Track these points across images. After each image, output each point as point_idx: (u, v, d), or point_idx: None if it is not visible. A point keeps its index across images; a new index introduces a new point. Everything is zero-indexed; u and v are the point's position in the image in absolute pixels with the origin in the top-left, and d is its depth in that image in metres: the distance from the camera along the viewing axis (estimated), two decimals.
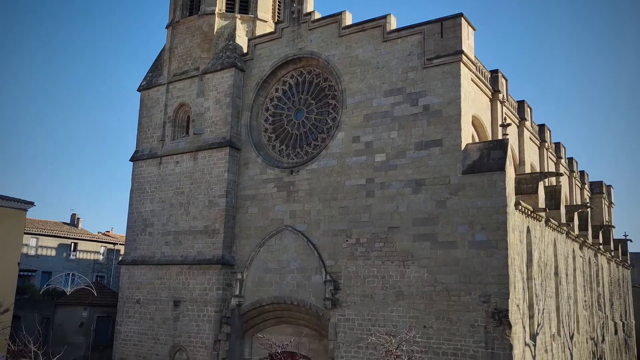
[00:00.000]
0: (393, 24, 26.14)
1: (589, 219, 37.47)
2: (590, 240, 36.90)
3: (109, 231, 59.33)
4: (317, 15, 28.54)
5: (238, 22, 31.63)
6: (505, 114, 29.56)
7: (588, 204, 41.54)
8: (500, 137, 26.67)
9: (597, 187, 51.71)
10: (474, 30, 25.21)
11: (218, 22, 31.50)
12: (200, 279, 28.68)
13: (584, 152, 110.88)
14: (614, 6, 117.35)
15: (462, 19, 24.31)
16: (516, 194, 24.07)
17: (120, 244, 51.06)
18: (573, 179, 44.64)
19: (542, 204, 26.43)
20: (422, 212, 23.76)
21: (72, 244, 51.86)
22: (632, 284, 54.61)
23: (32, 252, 47.38)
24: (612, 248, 44.22)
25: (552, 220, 28.42)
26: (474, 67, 25.35)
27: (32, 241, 47.71)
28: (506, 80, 29.89)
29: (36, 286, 43.64)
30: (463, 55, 23.90)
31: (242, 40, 31.14)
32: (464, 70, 24.19)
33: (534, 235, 25.63)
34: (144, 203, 31.91)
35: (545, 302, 26.49)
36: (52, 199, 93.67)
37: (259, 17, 32.08)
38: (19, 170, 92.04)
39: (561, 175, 34.93)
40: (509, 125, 26.13)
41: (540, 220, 26.78)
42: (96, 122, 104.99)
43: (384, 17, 26.10)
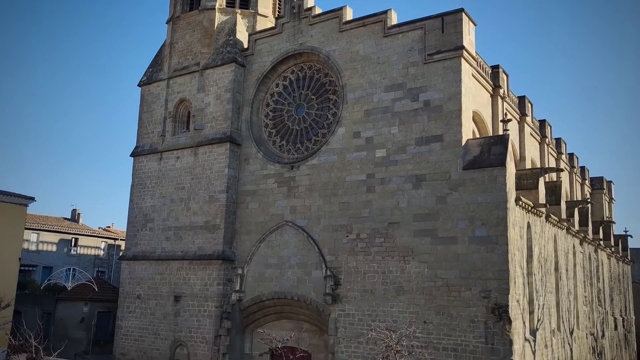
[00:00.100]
0: (394, 19, 26.11)
1: (590, 214, 37.41)
2: (590, 236, 36.88)
3: (109, 226, 59.38)
4: (318, 11, 28.53)
5: (239, 17, 31.57)
6: (506, 109, 29.50)
7: (588, 200, 41.59)
8: (500, 132, 26.64)
9: (597, 183, 51.61)
10: (475, 25, 25.17)
11: (218, 17, 31.46)
12: (200, 274, 28.72)
13: (585, 148, 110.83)
14: (615, 2, 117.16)
15: (463, 14, 24.29)
16: (517, 189, 24.08)
17: (121, 239, 51.19)
18: (573, 174, 44.58)
19: (542, 200, 26.43)
20: (422, 208, 23.77)
21: (73, 240, 51.95)
22: (632, 279, 54.60)
23: (32, 248, 47.40)
24: (613, 244, 44.18)
25: (552, 215, 28.41)
26: (474, 63, 25.31)
27: (32, 236, 47.75)
28: (507, 76, 29.83)
29: (37, 281, 43.69)
30: (464, 51, 23.87)
31: (242, 35, 31.10)
32: (464, 65, 24.16)
33: (534, 230, 25.64)
34: (144, 198, 31.94)
35: (545, 298, 26.51)
36: (53, 194, 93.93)
37: (259, 12, 32.05)
38: (19, 166, 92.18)
39: (562, 170, 34.94)
40: (509, 120, 26.08)
41: (540, 216, 26.78)
42: (97, 117, 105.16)
43: (385, 12, 26.09)
